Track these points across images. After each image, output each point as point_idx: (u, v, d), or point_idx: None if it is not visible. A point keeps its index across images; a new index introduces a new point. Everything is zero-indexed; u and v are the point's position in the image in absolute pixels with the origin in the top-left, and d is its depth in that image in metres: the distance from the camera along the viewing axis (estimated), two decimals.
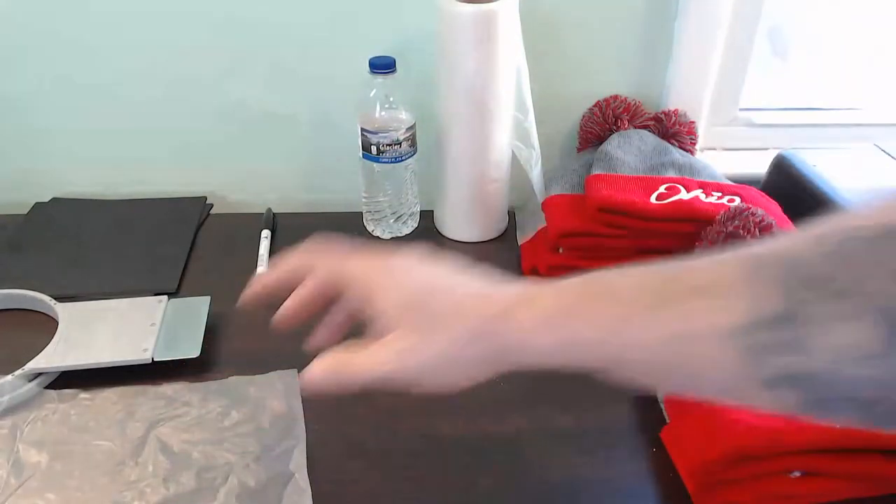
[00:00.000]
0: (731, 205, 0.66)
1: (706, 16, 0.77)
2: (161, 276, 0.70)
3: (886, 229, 0.26)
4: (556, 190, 0.75)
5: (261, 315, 0.68)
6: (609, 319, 0.33)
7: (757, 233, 0.61)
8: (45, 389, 0.56)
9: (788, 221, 0.68)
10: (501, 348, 0.36)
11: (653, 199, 0.68)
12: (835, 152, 0.81)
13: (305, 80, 0.78)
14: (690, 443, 0.50)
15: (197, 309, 0.63)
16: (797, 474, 0.48)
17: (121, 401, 0.56)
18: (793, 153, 0.79)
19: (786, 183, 0.77)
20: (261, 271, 0.71)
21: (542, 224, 0.74)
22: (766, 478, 0.48)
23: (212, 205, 0.83)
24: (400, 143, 0.72)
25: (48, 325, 0.62)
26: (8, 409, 0.54)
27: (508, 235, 0.80)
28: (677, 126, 0.80)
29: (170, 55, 0.76)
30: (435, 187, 0.78)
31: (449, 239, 0.79)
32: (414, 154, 0.74)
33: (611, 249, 0.69)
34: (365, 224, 0.79)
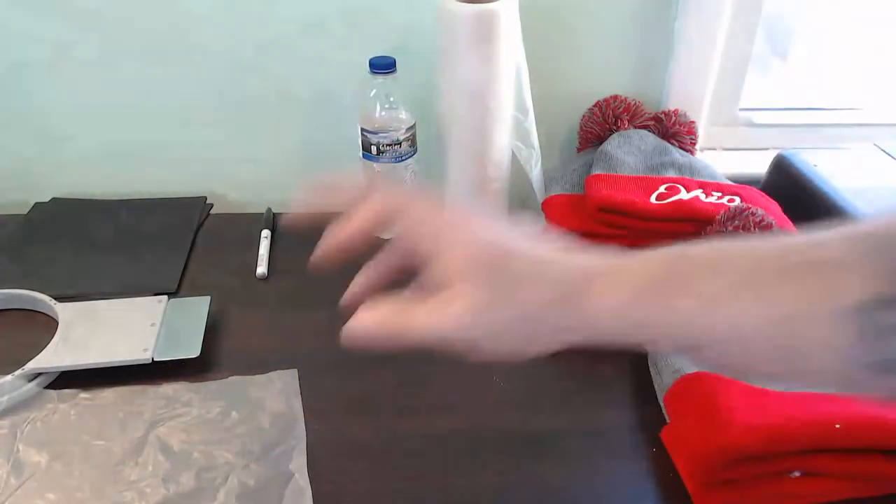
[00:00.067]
0: (731, 205, 0.66)
1: (706, 16, 0.78)
2: (161, 276, 0.70)
3: None
4: (556, 190, 0.75)
5: (261, 315, 0.68)
6: (707, 295, 0.30)
7: (757, 233, 0.61)
8: (45, 389, 0.56)
9: (788, 221, 0.68)
10: (580, 319, 0.33)
11: (653, 199, 0.68)
12: (835, 152, 0.81)
13: (305, 80, 0.78)
14: (690, 443, 0.50)
15: (197, 309, 0.63)
16: (797, 474, 0.48)
17: (121, 401, 0.56)
18: (793, 153, 0.79)
19: (786, 183, 0.77)
20: (261, 272, 0.71)
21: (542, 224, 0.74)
22: (766, 478, 0.48)
23: (212, 205, 0.83)
24: (400, 143, 0.72)
25: (48, 325, 0.62)
26: (8, 409, 0.54)
27: None
28: (677, 126, 0.80)
29: (169, 57, 0.76)
30: (435, 187, 0.78)
31: None
32: (414, 154, 0.74)
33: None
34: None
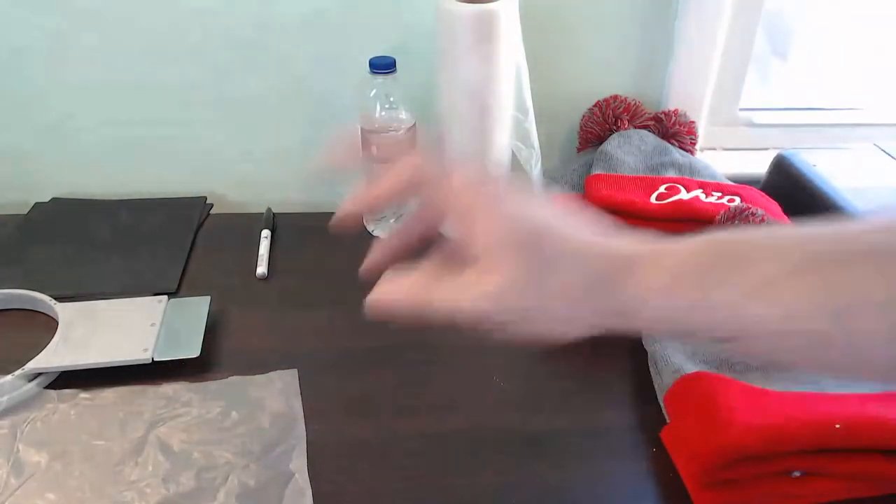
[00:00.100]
0: (731, 205, 0.66)
1: (706, 16, 0.78)
2: (161, 276, 0.70)
3: None
4: (556, 190, 0.75)
5: (261, 315, 0.68)
6: (756, 282, 0.29)
7: None
8: (45, 389, 0.56)
9: (788, 221, 0.68)
10: (618, 304, 0.32)
11: (653, 199, 0.68)
12: (835, 152, 0.81)
13: (305, 80, 0.78)
14: (690, 443, 0.50)
15: (197, 309, 0.63)
16: (797, 474, 0.48)
17: (121, 401, 0.56)
18: (793, 153, 0.79)
19: (786, 183, 0.77)
20: (261, 272, 0.71)
21: None
22: (766, 478, 0.48)
23: (212, 205, 0.83)
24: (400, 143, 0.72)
25: (48, 325, 0.62)
26: (8, 409, 0.54)
27: None
28: (677, 126, 0.80)
29: (169, 55, 0.76)
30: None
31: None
32: None
33: None
34: (365, 224, 0.79)
